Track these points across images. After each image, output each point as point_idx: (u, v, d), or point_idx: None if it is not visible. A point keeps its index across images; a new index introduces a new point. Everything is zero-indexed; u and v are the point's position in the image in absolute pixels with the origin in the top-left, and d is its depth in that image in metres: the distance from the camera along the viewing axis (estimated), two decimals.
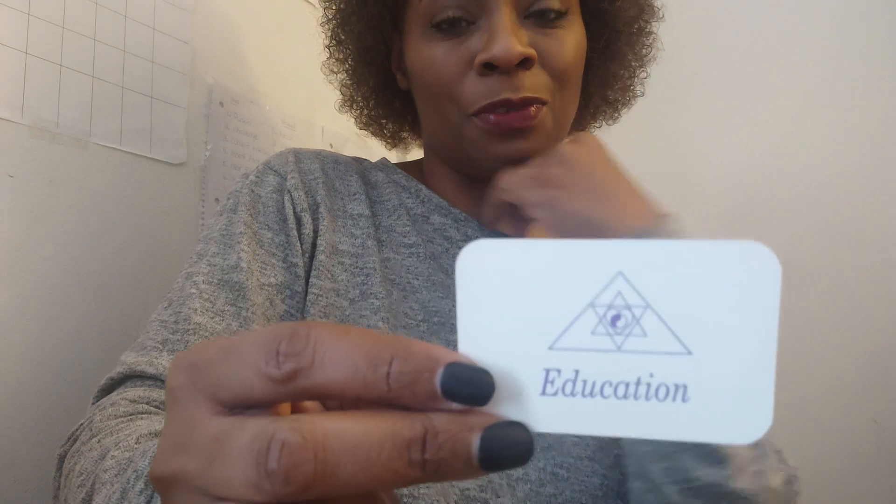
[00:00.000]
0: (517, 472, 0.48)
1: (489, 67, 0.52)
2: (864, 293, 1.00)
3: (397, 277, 0.56)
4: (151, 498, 0.32)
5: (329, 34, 0.65)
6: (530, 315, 0.21)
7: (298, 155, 0.60)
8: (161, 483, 0.21)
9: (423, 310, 0.54)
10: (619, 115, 0.70)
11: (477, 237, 0.56)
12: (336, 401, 0.21)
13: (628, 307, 0.21)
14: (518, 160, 0.54)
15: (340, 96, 0.69)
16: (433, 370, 0.20)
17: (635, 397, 0.21)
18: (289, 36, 0.94)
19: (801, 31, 1.08)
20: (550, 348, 0.21)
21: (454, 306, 0.53)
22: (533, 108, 0.52)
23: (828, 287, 1.02)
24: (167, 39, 0.74)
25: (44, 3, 0.61)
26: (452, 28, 0.53)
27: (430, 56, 0.54)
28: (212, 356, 0.21)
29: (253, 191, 0.56)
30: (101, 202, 0.66)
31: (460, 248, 0.62)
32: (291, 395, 0.20)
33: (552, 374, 0.21)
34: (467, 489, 0.46)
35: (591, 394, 0.21)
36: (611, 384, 0.21)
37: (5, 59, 0.58)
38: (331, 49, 0.66)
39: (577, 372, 0.21)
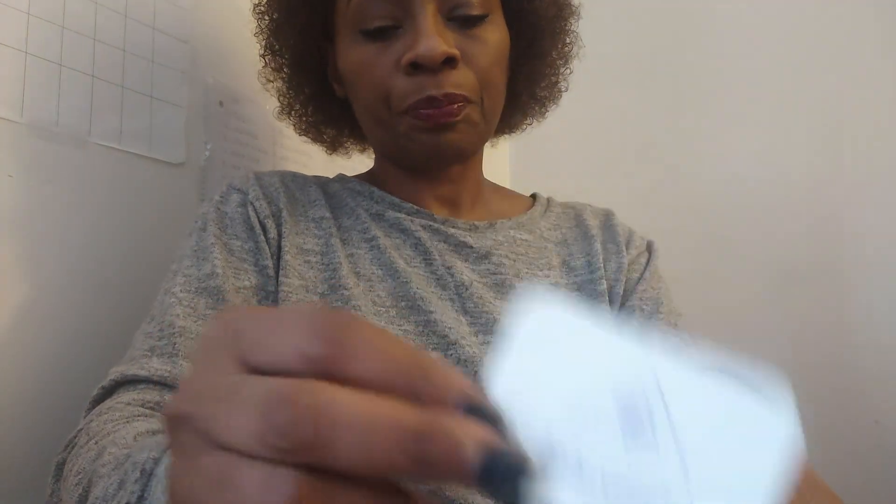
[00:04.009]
0: None
1: (415, 67, 0.54)
2: (866, 293, 0.99)
3: (362, 270, 0.59)
4: (146, 485, 0.32)
5: (263, 44, 0.68)
6: (558, 384, 0.21)
7: (258, 173, 0.64)
8: (171, 422, 0.22)
9: (389, 297, 0.58)
10: (547, 111, 0.74)
11: (429, 226, 0.61)
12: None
13: (649, 413, 0.21)
14: (448, 152, 0.59)
15: (278, 105, 0.72)
16: (459, 393, 0.20)
17: (631, 501, 0.20)
18: None
19: (801, 32, 1.08)
20: (567, 422, 0.21)
21: (417, 290, 0.57)
22: (456, 106, 0.56)
23: (829, 288, 1.02)
24: (167, 39, 0.74)
25: (44, 2, 0.61)
26: (380, 32, 0.56)
27: (360, 59, 0.58)
28: (254, 320, 0.21)
29: (219, 209, 0.59)
30: (101, 202, 0.66)
31: (416, 237, 0.60)
32: (320, 375, 0.20)
33: (559, 449, 0.21)
34: None
35: (591, 484, 0.20)
36: (614, 481, 0.20)
37: (5, 59, 0.58)
38: (266, 58, 0.68)
39: (582, 456, 0.21)
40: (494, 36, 0.59)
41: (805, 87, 1.07)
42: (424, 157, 0.60)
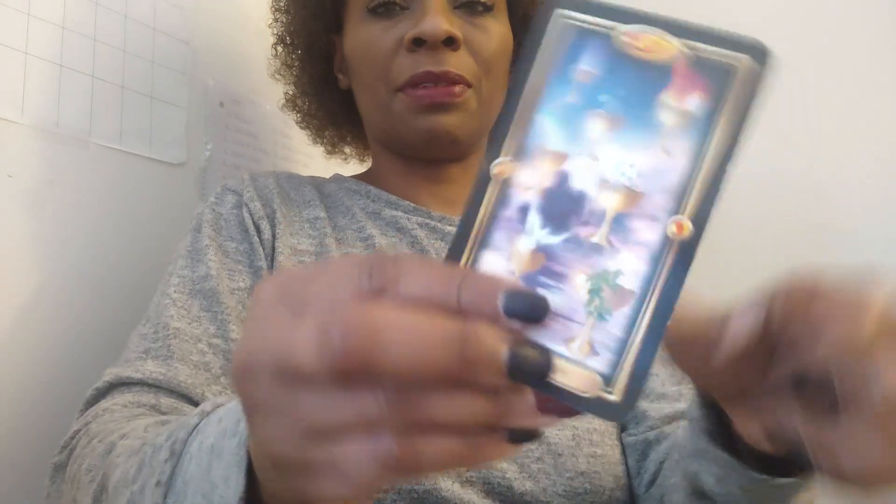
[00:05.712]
0: None
1: (417, 43, 0.56)
2: None
3: None
4: (176, 465, 0.32)
5: (276, 34, 0.69)
6: None
7: (253, 174, 0.64)
8: (239, 373, 0.23)
9: None
10: None
11: (426, 224, 0.61)
12: None
13: None
14: (442, 135, 0.58)
15: (282, 98, 0.74)
16: (495, 293, 0.22)
17: None
18: None
19: (800, 33, 1.08)
20: None
21: None
22: (457, 87, 0.56)
23: None
24: (167, 39, 0.74)
25: (44, 3, 0.61)
26: (388, 12, 0.58)
27: (365, 37, 0.59)
28: (301, 274, 0.23)
29: (214, 210, 0.59)
30: (101, 202, 0.66)
31: (413, 235, 0.61)
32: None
33: None
34: None
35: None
36: None
37: (5, 59, 0.58)
38: (276, 48, 0.70)
39: None
40: (497, 28, 0.60)
41: (804, 88, 1.07)
42: (418, 141, 0.60)
